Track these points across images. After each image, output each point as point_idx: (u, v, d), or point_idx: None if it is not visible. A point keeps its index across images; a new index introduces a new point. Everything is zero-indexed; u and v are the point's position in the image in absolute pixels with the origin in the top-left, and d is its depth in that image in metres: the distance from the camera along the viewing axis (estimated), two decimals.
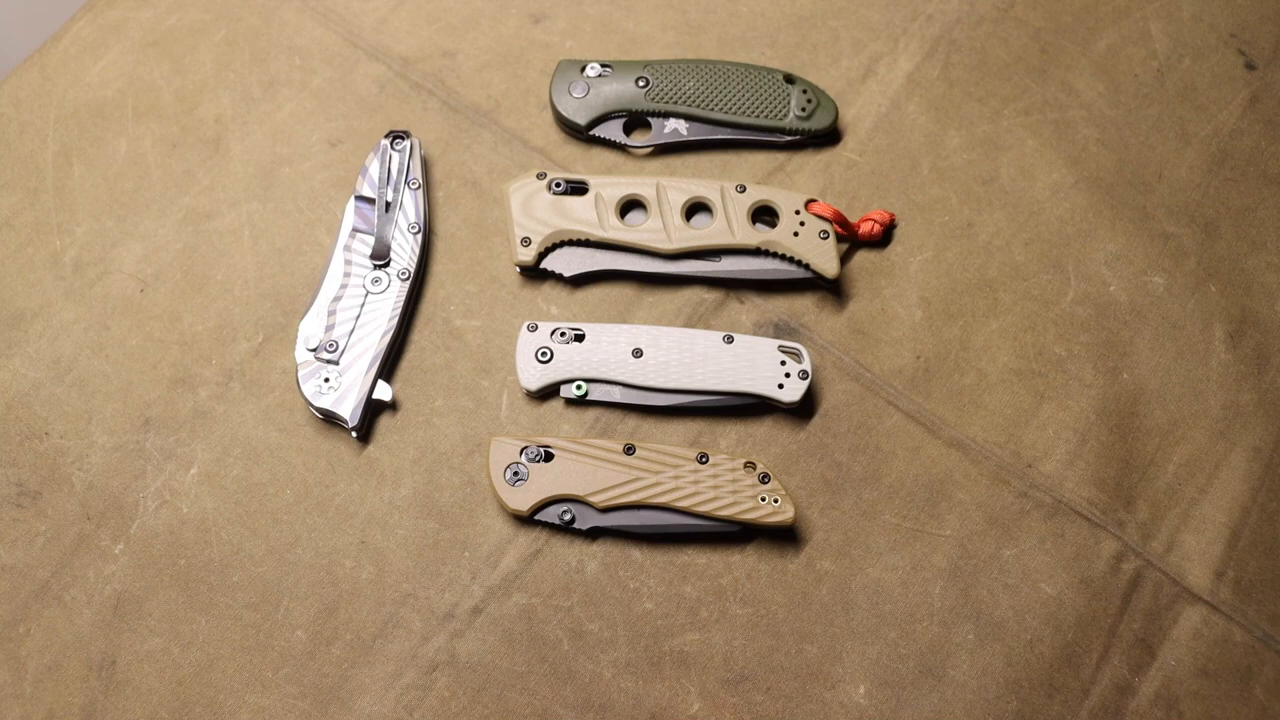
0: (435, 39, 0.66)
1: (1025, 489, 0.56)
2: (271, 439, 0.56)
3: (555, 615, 0.53)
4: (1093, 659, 0.53)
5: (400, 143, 0.61)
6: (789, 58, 0.66)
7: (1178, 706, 0.52)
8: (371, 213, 0.59)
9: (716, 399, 0.56)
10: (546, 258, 0.59)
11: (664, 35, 0.67)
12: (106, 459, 0.56)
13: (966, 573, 0.54)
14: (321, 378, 0.55)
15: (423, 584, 0.54)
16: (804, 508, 0.55)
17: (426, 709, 0.51)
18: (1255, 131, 0.65)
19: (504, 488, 0.53)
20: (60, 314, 0.59)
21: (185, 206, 0.61)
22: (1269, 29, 0.68)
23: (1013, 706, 0.52)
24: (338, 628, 0.53)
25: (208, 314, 0.59)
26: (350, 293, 0.57)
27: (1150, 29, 0.68)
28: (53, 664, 0.52)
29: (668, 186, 0.59)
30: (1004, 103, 0.65)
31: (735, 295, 0.60)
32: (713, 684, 0.52)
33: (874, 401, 0.58)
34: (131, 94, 0.64)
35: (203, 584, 0.53)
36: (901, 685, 0.52)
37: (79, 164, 0.62)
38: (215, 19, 0.66)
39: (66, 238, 0.60)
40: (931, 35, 0.67)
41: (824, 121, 0.62)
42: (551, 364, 0.56)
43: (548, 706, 0.52)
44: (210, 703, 0.51)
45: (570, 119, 0.62)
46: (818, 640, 0.53)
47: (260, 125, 0.63)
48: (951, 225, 0.62)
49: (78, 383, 0.57)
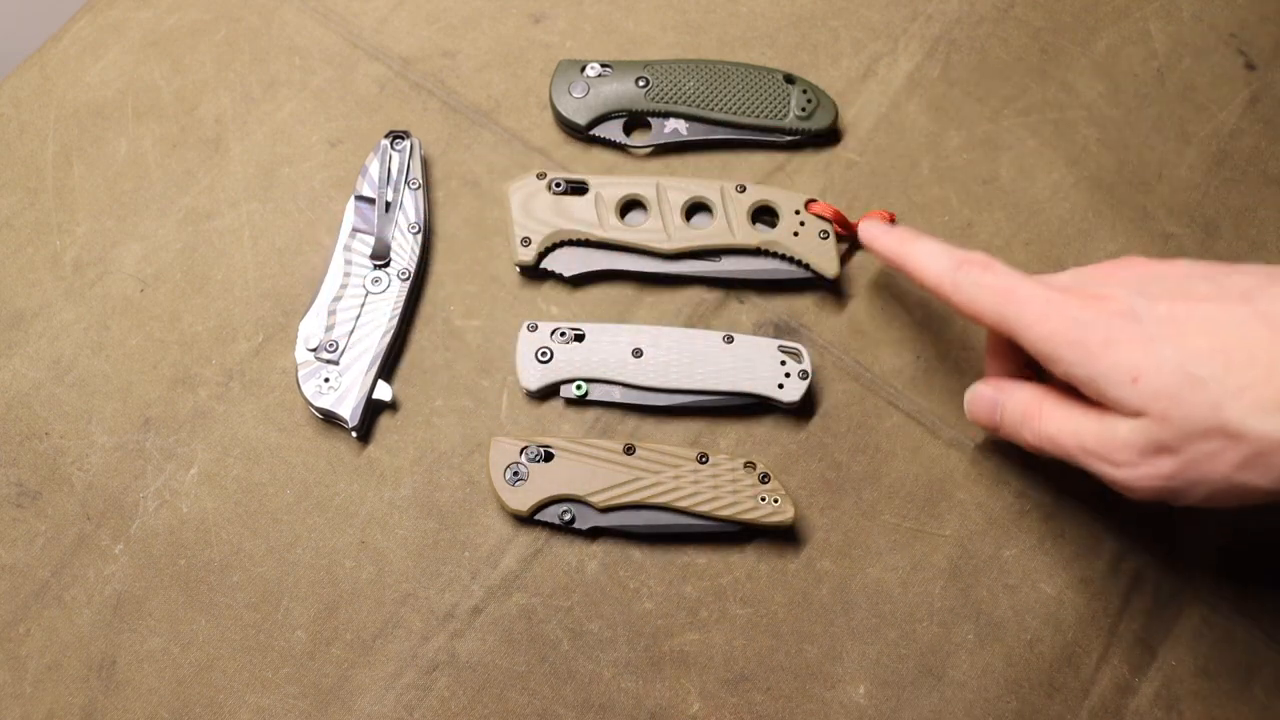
0: (435, 39, 0.66)
1: (1025, 489, 0.56)
2: (271, 439, 0.56)
3: (555, 615, 0.53)
4: (1093, 659, 0.53)
5: (400, 143, 0.61)
6: (789, 58, 0.66)
7: (1178, 706, 0.52)
8: (371, 213, 0.59)
9: (716, 399, 0.56)
10: (546, 258, 0.59)
11: (664, 35, 0.67)
12: (106, 459, 0.56)
13: (966, 573, 0.54)
14: (321, 378, 0.55)
15: (423, 584, 0.54)
16: (804, 508, 0.55)
17: (426, 709, 0.51)
18: (1255, 131, 0.65)
19: (504, 488, 0.53)
20: (60, 314, 0.59)
21: (185, 206, 0.61)
22: (1269, 29, 0.68)
23: (1013, 706, 0.52)
24: (338, 628, 0.53)
25: (208, 314, 0.59)
26: (350, 293, 0.57)
27: (1150, 29, 0.68)
28: (53, 664, 0.52)
29: (668, 186, 0.59)
30: (1004, 103, 0.65)
31: (735, 295, 0.60)
32: (713, 684, 0.52)
33: (874, 401, 0.58)
34: (131, 94, 0.64)
35: (203, 584, 0.53)
36: (901, 685, 0.52)
37: (79, 164, 0.62)
38: (215, 19, 0.66)
39: (66, 238, 0.60)
40: (931, 35, 0.67)
41: (824, 121, 0.62)
42: (551, 364, 0.56)
43: (548, 706, 0.52)
44: (210, 703, 0.51)
45: (570, 119, 0.62)
46: (818, 640, 0.53)
47: (260, 125, 0.63)
48: (951, 225, 0.62)
49: (78, 383, 0.57)
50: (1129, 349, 0.42)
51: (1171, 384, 0.41)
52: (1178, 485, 0.43)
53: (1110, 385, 0.43)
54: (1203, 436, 0.41)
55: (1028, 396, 0.49)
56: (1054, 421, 0.47)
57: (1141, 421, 0.42)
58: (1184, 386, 0.41)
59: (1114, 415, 0.44)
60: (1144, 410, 0.42)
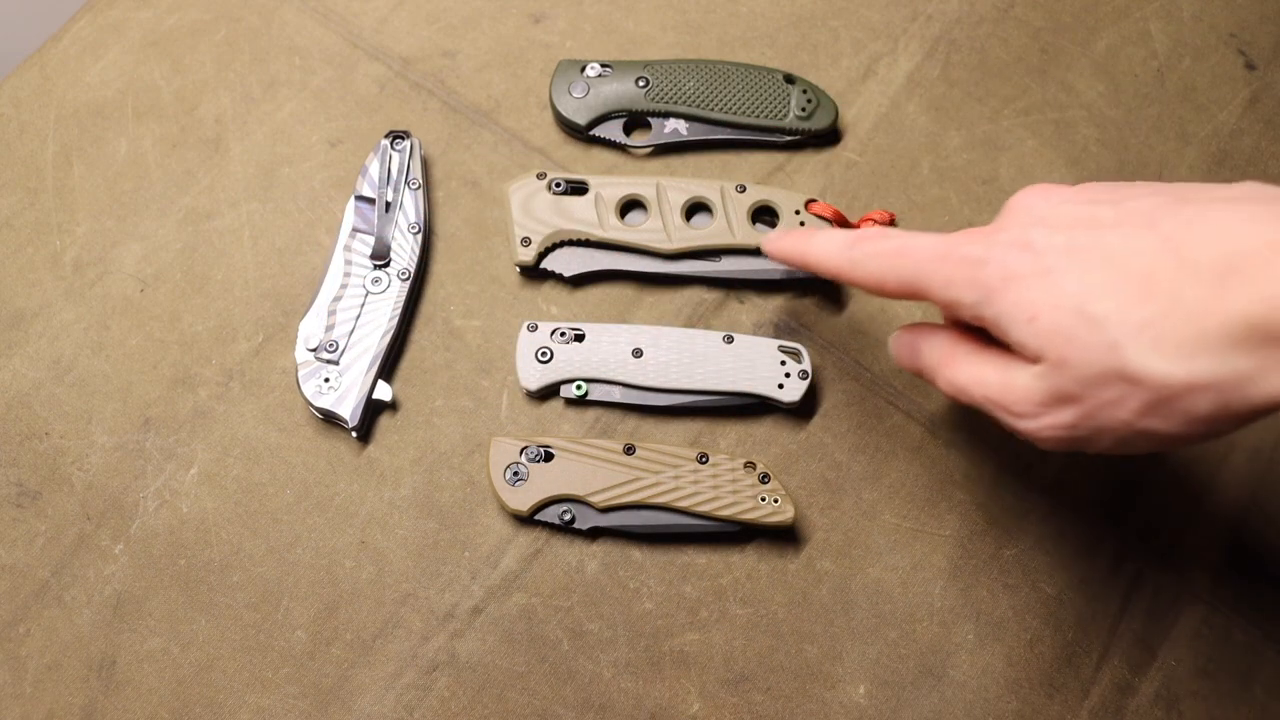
0: (435, 39, 0.66)
1: (1025, 489, 0.56)
2: (271, 439, 0.56)
3: (555, 615, 0.53)
4: (1093, 659, 0.53)
5: (400, 143, 0.61)
6: (789, 58, 0.66)
7: (1178, 706, 0.52)
8: (371, 213, 0.59)
9: (716, 399, 0.56)
10: (546, 258, 0.59)
11: (664, 35, 0.67)
12: (106, 459, 0.56)
13: (966, 573, 0.54)
14: (321, 378, 0.55)
15: (423, 584, 0.54)
16: (804, 508, 0.55)
17: (426, 709, 0.51)
18: (1255, 131, 0.65)
19: (504, 488, 0.53)
20: (60, 314, 0.59)
21: (185, 206, 0.61)
22: (1269, 29, 0.68)
23: (1013, 706, 0.52)
24: (338, 628, 0.53)
25: (208, 314, 0.59)
26: (350, 293, 0.57)
27: (1150, 29, 0.68)
28: (53, 664, 0.52)
29: (668, 186, 0.59)
30: (1004, 103, 0.65)
31: (735, 295, 0.60)
32: (713, 684, 0.52)
33: (874, 401, 0.58)
34: (131, 94, 0.64)
35: (203, 584, 0.53)
36: (901, 685, 0.52)
37: (79, 164, 0.62)
38: (215, 19, 0.66)
39: (66, 238, 0.60)
40: (931, 35, 0.67)
41: (824, 121, 0.62)
42: (551, 364, 0.56)
43: (548, 706, 0.52)
44: (210, 703, 0.51)
45: (570, 119, 0.62)
46: (818, 640, 0.53)
47: (260, 125, 0.63)
48: (951, 225, 0.62)
49: (78, 383, 0.57)
50: (1026, 285, 0.39)
51: (1067, 323, 0.37)
52: (1082, 435, 0.39)
53: (1012, 325, 0.39)
54: (1101, 382, 0.37)
55: (943, 342, 0.45)
56: (964, 369, 0.43)
57: (1040, 368, 0.39)
58: (1080, 326, 0.37)
59: (1016, 362, 0.41)
60: (1041, 353, 0.38)
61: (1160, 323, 0.36)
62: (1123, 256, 0.37)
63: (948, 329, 0.46)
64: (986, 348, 0.43)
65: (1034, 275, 0.39)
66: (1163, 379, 0.36)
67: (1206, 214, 0.36)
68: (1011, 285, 0.39)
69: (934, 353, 0.46)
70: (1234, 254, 0.35)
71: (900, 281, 0.44)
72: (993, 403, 0.42)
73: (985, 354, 0.43)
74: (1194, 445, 0.38)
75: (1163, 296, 0.36)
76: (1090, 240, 0.38)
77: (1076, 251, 0.38)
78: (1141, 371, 0.36)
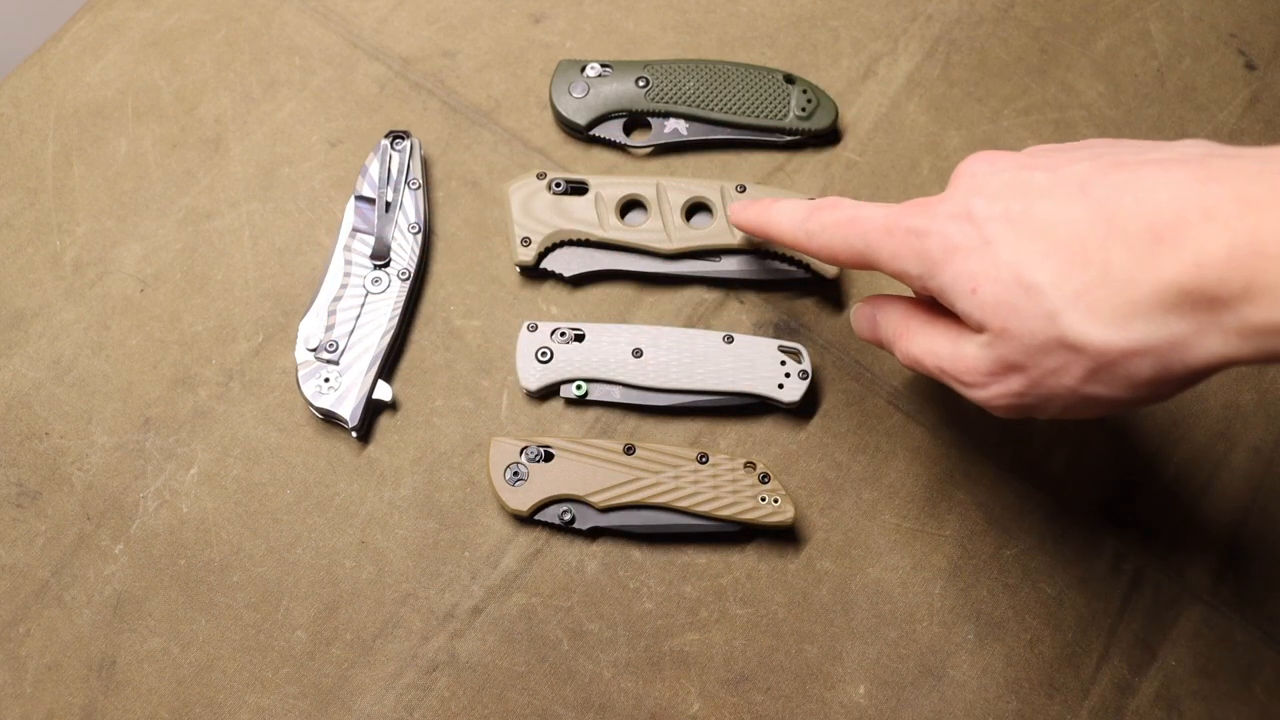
0: (435, 39, 0.66)
1: (1025, 489, 0.56)
2: (271, 439, 0.56)
3: (555, 615, 0.53)
4: (1093, 659, 0.53)
5: (400, 143, 0.61)
6: (789, 58, 0.66)
7: (1178, 706, 0.52)
8: (371, 213, 0.59)
9: (716, 399, 0.56)
10: (546, 258, 0.59)
11: (664, 35, 0.67)
12: (106, 459, 0.56)
13: (966, 573, 0.54)
14: (321, 378, 0.55)
15: (423, 584, 0.54)
16: (804, 508, 0.55)
17: (426, 709, 0.51)
18: (1255, 131, 0.65)
19: (504, 488, 0.53)
20: (60, 314, 0.59)
21: (185, 206, 0.61)
22: (1269, 29, 0.68)
23: (1013, 706, 0.52)
24: (338, 628, 0.53)
25: (208, 314, 0.59)
26: (350, 293, 0.57)
27: (1150, 29, 0.68)
28: (53, 664, 0.52)
29: (668, 186, 0.59)
30: (1004, 103, 0.65)
31: (735, 295, 0.60)
32: (713, 684, 0.52)
33: (874, 401, 0.58)
34: (131, 94, 0.64)
35: (203, 584, 0.53)
36: (901, 685, 0.52)
37: (79, 164, 0.62)
38: (215, 19, 0.66)
39: (66, 238, 0.60)
40: (931, 35, 0.67)
41: (824, 121, 0.62)
42: (551, 364, 0.56)
43: (548, 706, 0.52)
44: (210, 703, 0.51)
45: (570, 119, 0.62)
46: (818, 640, 0.53)
47: (260, 125, 0.63)
48: None
49: (78, 383, 0.57)
50: (966, 256, 0.39)
51: (1006, 294, 0.38)
52: (1030, 402, 0.40)
53: (956, 297, 0.40)
54: (1043, 350, 0.37)
55: (899, 314, 0.46)
56: (917, 341, 0.44)
57: (985, 337, 0.39)
58: (1019, 296, 0.37)
59: (965, 333, 0.41)
60: (985, 324, 0.39)
61: (1094, 290, 0.36)
62: (1056, 225, 0.37)
63: (903, 301, 0.47)
64: (939, 318, 0.44)
65: (974, 247, 0.39)
66: (1101, 346, 0.36)
67: (1138, 178, 0.36)
68: (953, 257, 0.39)
69: (890, 325, 0.46)
70: (1163, 220, 0.35)
71: (852, 252, 0.44)
72: (945, 373, 0.42)
73: (937, 325, 0.43)
74: (1145, 408, 0.39)
75: (1095, 264, 0.36)
76: (1024, 209, 0.38)
77: (1012, 220, 0.38)
78: (1080, 339, 0.36)
